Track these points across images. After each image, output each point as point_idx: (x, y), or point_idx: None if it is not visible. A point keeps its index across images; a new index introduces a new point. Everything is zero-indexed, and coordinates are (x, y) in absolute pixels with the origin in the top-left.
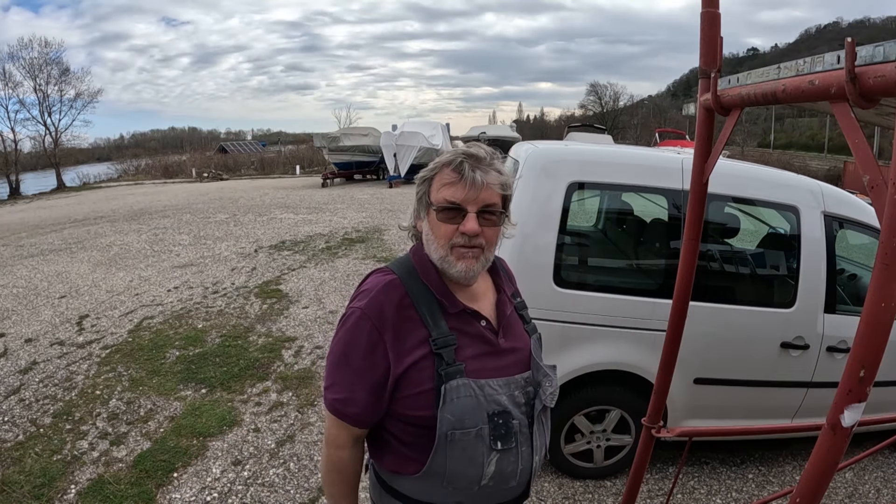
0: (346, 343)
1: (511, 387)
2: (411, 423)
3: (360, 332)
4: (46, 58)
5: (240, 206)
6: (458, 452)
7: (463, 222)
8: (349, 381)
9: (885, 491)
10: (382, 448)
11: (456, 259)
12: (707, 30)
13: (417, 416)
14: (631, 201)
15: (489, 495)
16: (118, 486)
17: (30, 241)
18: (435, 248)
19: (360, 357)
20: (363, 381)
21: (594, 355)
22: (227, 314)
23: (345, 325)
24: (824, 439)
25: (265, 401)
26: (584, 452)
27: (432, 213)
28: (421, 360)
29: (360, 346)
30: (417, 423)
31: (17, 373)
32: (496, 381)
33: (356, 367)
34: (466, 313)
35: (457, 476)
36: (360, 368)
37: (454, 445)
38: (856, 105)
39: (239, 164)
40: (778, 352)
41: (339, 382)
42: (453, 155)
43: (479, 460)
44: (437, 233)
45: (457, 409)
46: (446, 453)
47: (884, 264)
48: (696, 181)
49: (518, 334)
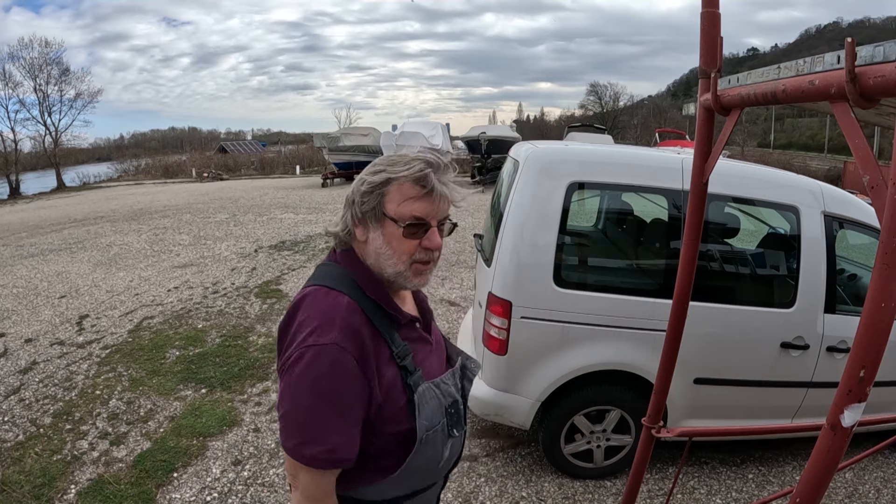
0: (327, 388)
1: (455, 377)
2: (390, 438)
3: (344, 369)
4: (46, 58)
5: (240, 206)
6: (429, 450)
7: (427, 236)
8: (337, 427)
9: (885, 491)
10: (352, 472)
11: (413, 275)
12: (707, 30)
13: (398, 431)
14: (631, 201)
15: (441, 469)
16: (118, 486)
17: (30, 241)
18: (392, 263)
19: (351, 396)
20: (355, 419)
21: (594, 355)
22: (227, 314)
23: (314, 366)
24: (824, 439)
25: (265, 401)
26: (584, 452)
27: (393, 227)
28: (392, 378)
29: (347, 385)
30: (397, 436)
31: (17, 373)
32: (445, 375)
33: (344, 408)
34: (410, 321)
35: (424, 469)
36: (348, 409)
37: (427, 445)
38: (856, 105)
39: (239, 164)
40: (778, 352)
41: (319, 434)
42: (413, 164)
43: (439, 450)
44: (397, 248)
45: (427, 412)
46: (421, 454)
47: (884, 264)
48: (696, 181)
49: (428, 324)
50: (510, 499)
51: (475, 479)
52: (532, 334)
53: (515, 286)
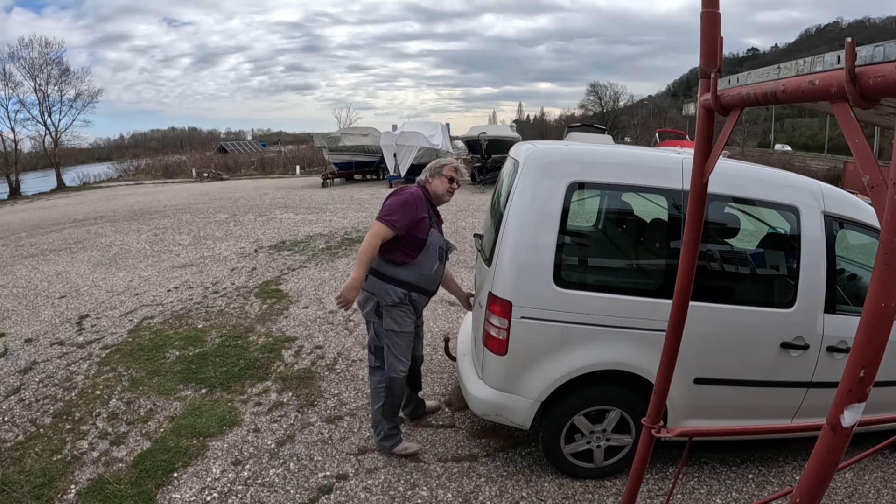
0: (406, 201)
1: (446, 242)
2: (416, 240)
3: (416, 200)
4: (47, 58)
5: (240, 206)
6: (430, 257)
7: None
8: (402, 215)
9: (885, 491)
10: (395, 249)
11: (447, 194)
12: (707, 30)
13: (420, 238)
14: (631, 201)
15: (432, 280)
16: (118, 486)
17: (30, 241)
18: (441, 191)
19: (413, 212)
20: (408, 219)
21: (594, 355)
22: (227, 314)
23: (403, 194)
24: (824, 439)
25: (265, 401)
26: (584, 452)
27: (442, 179)
28: (424, 219)
29: (415, 206)
30: (418, 241)
31: (17, 373)
32: (443, 237)
33: (409, 212)
34: (435, 212)
35: (426, 267)
36: (409, 213)
37: (428, 253)
38: (856, 105)
39: (239, 164)
40: (778, 352)
41: (396, 215)
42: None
43: (435, 262)
44: (444, 186)
45: (433, 239)
46: (426, 256)
47: (884, 264)
48: (696, 181)
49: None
50: (510, 499)
51: (475, 479)
52: (532, 334)
53: (515, 286)
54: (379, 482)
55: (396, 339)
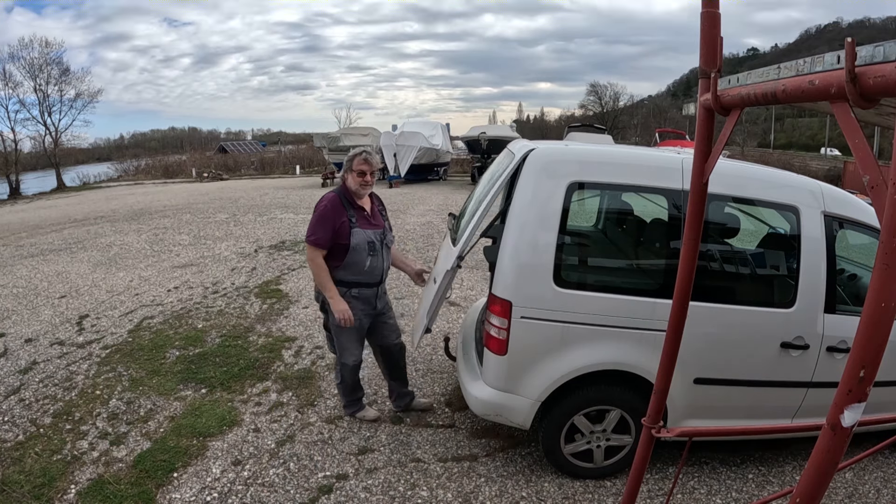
0: (322, 215)
1: (377, 234)
2: (341, 246)
3: (330, 208)
4: (47, 58)
5: (240, 206)
6: (358, 255)
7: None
8: (322, 232)
9: (885, 491)
10: (326, 256)
11: (361, 188)
12: (707, 30)
13: (342, 244)
14: (631, 201)
15: (370, 274)
16: (118, 486)
17: (30, 241)
18: (355, 187)
19: (330, 220)
20: (328, 230)
21: (594, 355)
22: (227, 314)
23: (319, 207)
24: (824, 439)
25: (265, 401)
26: (584, 452)
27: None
28: (343, 224)
29: (330, 215)
30: (344, 246)
31: (17, 373)
32: (370, 230)
33: (327, 225)
34: (358, 207)
35: (357, 266)
36: (329, 224)
37: (355, 253)
38: (856, 105)
39: (239, 164)
40: (778, 352)
41: (318, 233)
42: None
43: (365, 258)
44: (356, 181)
45: (357, 240)
46: (353, 256)
47: (884, 264)
48: (696, 181)
49: (377, 216)
50: (510, 499)
51: (475, 479)
52: (532, 334)
53: (515, 286)
54: (379, 482)
55: (342, 332)
